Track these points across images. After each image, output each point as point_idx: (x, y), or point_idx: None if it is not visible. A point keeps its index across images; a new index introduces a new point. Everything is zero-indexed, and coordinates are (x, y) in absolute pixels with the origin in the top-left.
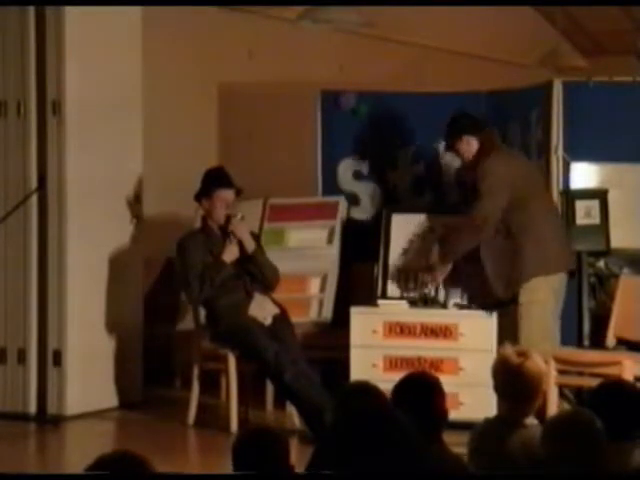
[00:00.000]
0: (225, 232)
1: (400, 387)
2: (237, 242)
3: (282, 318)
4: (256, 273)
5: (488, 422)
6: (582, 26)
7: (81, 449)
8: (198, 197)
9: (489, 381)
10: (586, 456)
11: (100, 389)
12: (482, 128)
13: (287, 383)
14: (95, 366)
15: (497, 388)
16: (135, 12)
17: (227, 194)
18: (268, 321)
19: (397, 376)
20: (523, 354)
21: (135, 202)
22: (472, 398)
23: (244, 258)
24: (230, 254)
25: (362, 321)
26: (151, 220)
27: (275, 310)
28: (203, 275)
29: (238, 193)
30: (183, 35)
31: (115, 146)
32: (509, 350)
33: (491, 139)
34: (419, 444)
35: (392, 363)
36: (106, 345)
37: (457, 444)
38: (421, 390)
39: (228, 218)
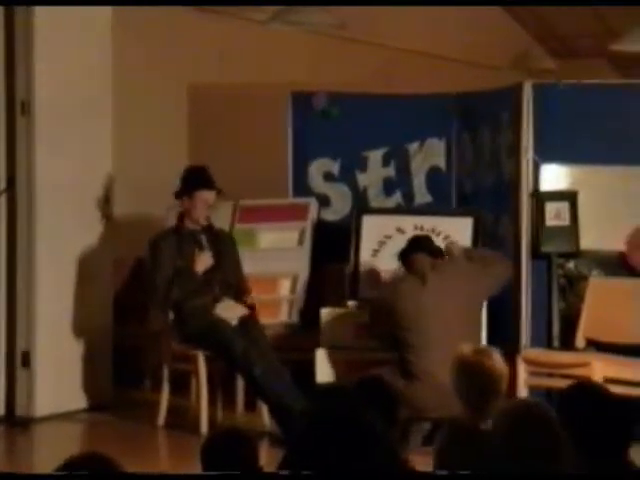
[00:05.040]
0: (200, 234)
1: (357, 389)
2: (210, 250)
3: (250, 318)
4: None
5: (451, 426)
6: (553, 29)
7: (50, 451)
8: (179, 195)
9: None
10: (542, 446)
11: (69, 390)
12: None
13: (256, 377)
14: (64, 367)
15: (456, 387)
16: (105, 12)
17: (209, 195)
18: (235, 322)
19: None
20: (481, 352)
21: (105, 202)
22: None
23: (216, 266)
24: (202, 264)
25: (332, 322)
26: (121, 220)
27: (242, 311)
28: (172, 280)
29: (219, 193)
30: (153, 36)
31: (84, 146)
32: (467, 349)
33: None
34: (389, 445)
35: (361, 364)
36: (75, 346)
37: None
38: (377, 393)
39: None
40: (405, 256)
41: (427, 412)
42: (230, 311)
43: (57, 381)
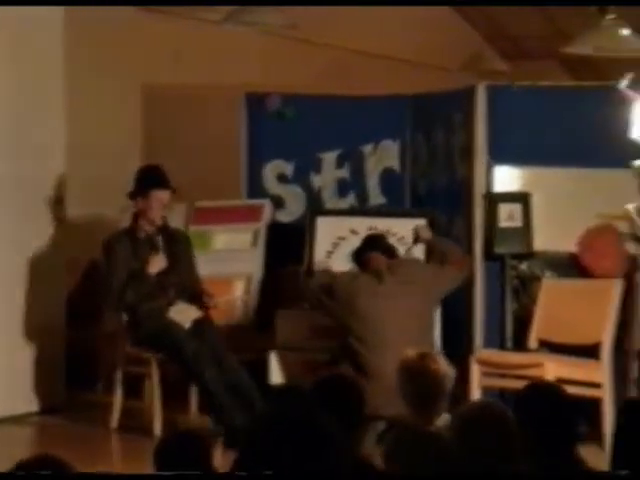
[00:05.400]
0: (156, 235)
1: (321, 388)
2: (164, 254)
3: (204, 320)
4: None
5: (398, 430)
6: (504, 30)
7: (2, 454)
8: (133, 195)
9: None
10: (498, 446)
11: (21, 393)
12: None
13: (207, 382)
14: (16, 370)
15: (402, 392)
16: (57, 13)
17: (164, 195)
18: (187, 325)
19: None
20: (426, 356)
21: (57, 203)
22: None
23: (170, 269)
24: (156, 266)
25: (287, 324)
26: (74, 221)
27: (196, 314)
28: (126, 283)
29: (173, 192)
30: (107, 36)
31: (37, 146)
32: (411, 352)
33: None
34: (340, 446)
35: (315, 365)
36: (27, 349)
37: None
38: (342, 391)
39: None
40: (360, 255)
41: (378, 410)
42: (183, 314)
43: (9, 384)
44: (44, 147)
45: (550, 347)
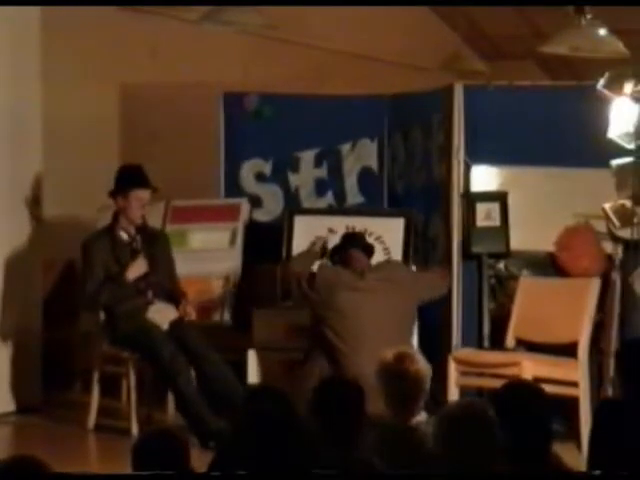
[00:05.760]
0: (135, 235)
1: (319, 390)
2: (144, 257)
3: (182, 320)
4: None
5: (380, 428)
6: (482, 31)
7: None
8: (114, 194)
9: None
10: (479, 444)
11: None
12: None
13: (179, 385)
14: None
15: (383, 393)
16: (34, 13)
17: (144, 194)
18: (165, 326)
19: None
20: (404, 357)
21: (34, 202)
22: None
23: (150, 271)
24: (136, 270)
25: (265, 323)
26: (51, 221)
27: (174, 315)
28: (102, 285)
29: (154, 191)
30: (85, 35)
31: (13, 145)
32: (389, 354)
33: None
34: (321, 447)
35: (293, 365)
36: (4, 348)
37: None
38: (341, 393)
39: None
40: (339, 252)
41: None
42: (162, 314)
43: None
44: (21, 146)
45: (527, 346)
